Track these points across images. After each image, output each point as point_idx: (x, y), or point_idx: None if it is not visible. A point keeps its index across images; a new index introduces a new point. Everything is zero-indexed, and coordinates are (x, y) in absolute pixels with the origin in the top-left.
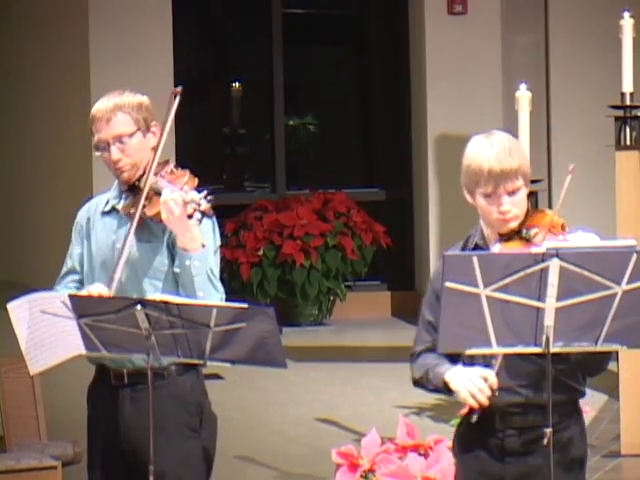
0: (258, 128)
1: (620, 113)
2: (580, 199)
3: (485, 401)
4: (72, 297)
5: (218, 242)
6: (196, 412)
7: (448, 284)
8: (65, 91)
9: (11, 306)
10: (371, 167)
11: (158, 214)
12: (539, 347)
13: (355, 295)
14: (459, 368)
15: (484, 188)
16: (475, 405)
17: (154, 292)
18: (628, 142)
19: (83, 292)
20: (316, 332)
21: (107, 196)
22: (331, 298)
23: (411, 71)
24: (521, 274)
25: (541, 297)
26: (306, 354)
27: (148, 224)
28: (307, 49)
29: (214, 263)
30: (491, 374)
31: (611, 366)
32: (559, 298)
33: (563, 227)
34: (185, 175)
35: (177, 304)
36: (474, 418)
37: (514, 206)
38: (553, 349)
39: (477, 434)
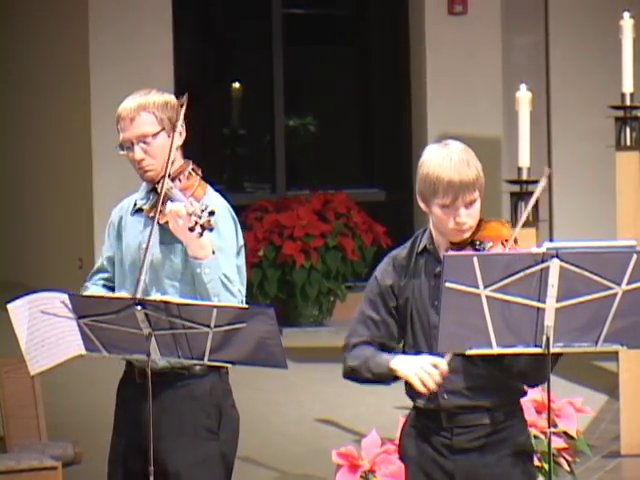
0: (258, 129)
1: (620, 114)
2: (580, 200)
3: (434, 387)
4: (72, 297)
5: (241, 242)
6: (214, 414)
7: (448, 284)
8: (65, 92)
9: (11, 306)
10: (371, 167)
11: (168, 222)
12: (539, 347)
13: (355, 296)
14: (406, 356)
15: (442, 199)
16: (424, 391)
17: (175, 293)
18: (628, 143)
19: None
20: (316, 333)
21: (136, 196)
22: (331, 299)
23: (411, 71)
24: (521, 274)
25: (541, 297)
26: (306, 355)
27: (166, 226)
28: (307, 49)
29: (230, 266)
30: (442, 361)
31: (611, 366)
32: (559, 298)
33: (516, 242)
34: (195, 182)
35: (177, 304)
36: (420, 403)
37: (470, 218)
38: (553, 349)
39: (423, 435)
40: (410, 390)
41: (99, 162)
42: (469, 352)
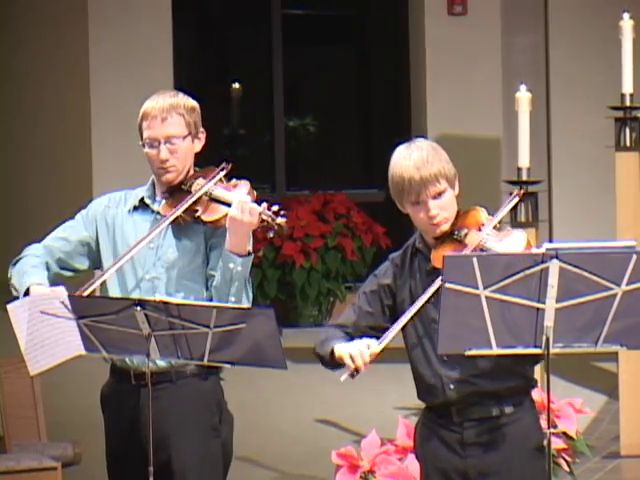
0: (258, 129)
1: (620, 114)
2: (580, 200)
3: (361, 365)
4: (72, 297)
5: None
6: (217, 410)
7: (448, 285)
8: (66, 92)
9: (11, 307)
10: (371, 168)
11: (219, 220)
12: (539, 348)
13: (355, 296)
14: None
15: (408, 197)
16: (351, 365)
17: (188, 294)
18: (628, 143)
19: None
20: (316, 333)
21: (136, 192)
22: (331, 299)
23: (411, 71)
24: (521, 275)
25: (541, 298)
26: (306, 355)
27: (190, 226)
28: (307, 49)
29: (249, 272)
30: (374, 343)
31: (611, 367)
32: (559, 299)
33: (496, 227)
34: (246, 185)
35: (177, 305)
36: (344, 377)
37: (441, 209)
38: (553, 350)
39: (436, 433)
40: (421, 392)
41: (99, 162)
42: (469, 352)
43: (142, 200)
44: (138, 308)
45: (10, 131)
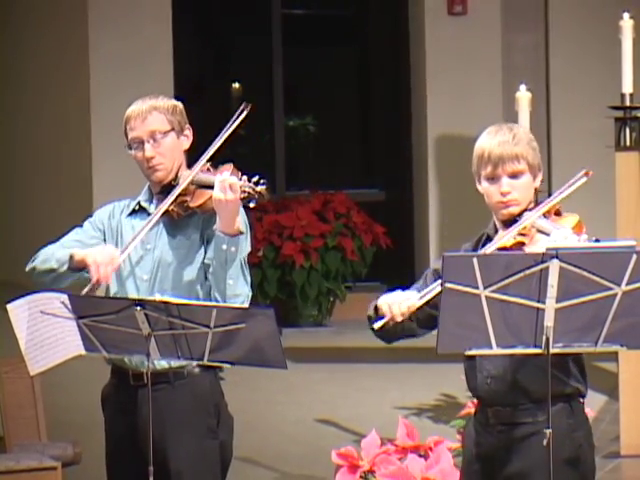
0: (258, 128)
1: (620, 114)
2: (580, 200)
3: (398, 313)
4: (72, 297)
5: (249, 248)
6: (214, 412)
7: (448, 285)
8: (65, 92)
9: (11, 306)
10: (371, 168)
11: (204, 203)
12: (539, 348)
13: (355, 296)
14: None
15: (485, 170)
16: (387, 312)
17: (188, 291)
18: (628, 143)
19: (91, 250)
20: (316, 333)
21: (135, 201)
22: (331, 299)
23: (411, 71)
24: (521, 275)
25: (541, 298)
26: (306, 355)
27: (184, 221)
28: (307, 49)
29: (246, 254)
30: (415, 297)
31: (611, 367)
32: (559, 299)
33: (558, 212)
34: (229, 168)
35: (177, 304)
36: (378, 324)
37: (514, 189)
38: (553, 350)
39: (477, 431)
40: (466, 376)
41: (99, 162)
42: (468, 352)
43: (140, 204)
44: (138, 308)
45: (10, 132)
